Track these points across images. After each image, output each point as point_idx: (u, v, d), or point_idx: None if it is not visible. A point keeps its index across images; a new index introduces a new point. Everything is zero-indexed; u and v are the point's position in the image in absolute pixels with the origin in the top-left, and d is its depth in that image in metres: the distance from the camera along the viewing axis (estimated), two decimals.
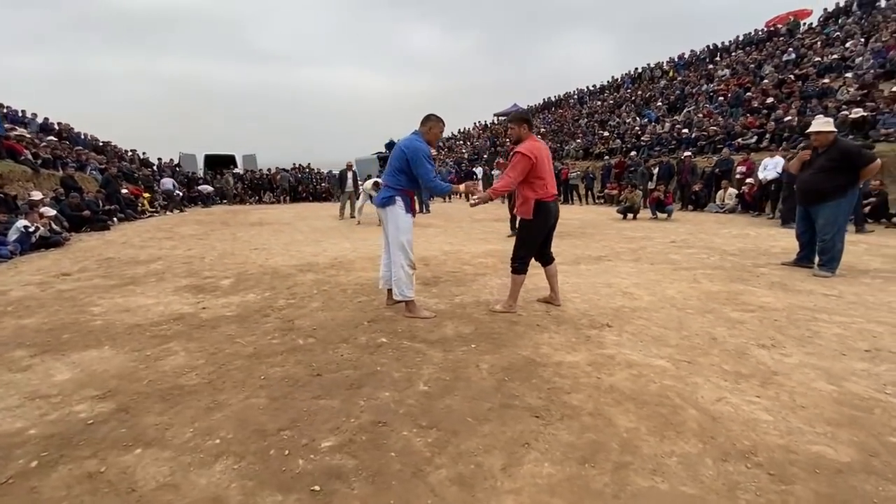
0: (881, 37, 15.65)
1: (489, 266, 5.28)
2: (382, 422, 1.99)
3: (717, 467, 1.69)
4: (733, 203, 10.85)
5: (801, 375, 2.42)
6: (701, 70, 21.90)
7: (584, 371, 2.48)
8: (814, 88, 13.93)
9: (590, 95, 26.85)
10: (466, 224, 9.89)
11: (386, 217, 3.39)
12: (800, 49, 18.43)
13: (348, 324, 3.30)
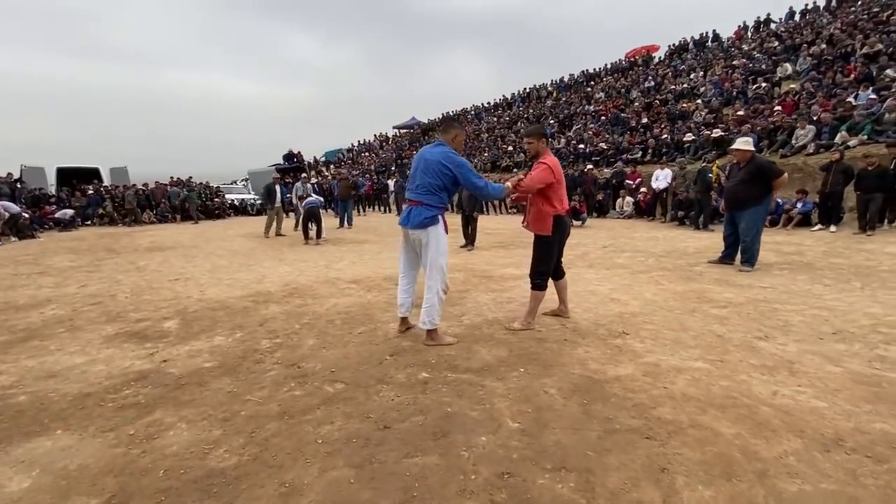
0: (716, 71, 19.29)
1: (464, 281, 5.17)
2: (507, 472, 1.78)
3: (828, 459, 1.83)
4: (630, 210, 12.33)
5: (810, 362, 2.78)
6: (580, 92, 24.63)
7: (646, 382, 2.53)
8: (675, 111, 16.56)
9: (485, 111, 28.41)
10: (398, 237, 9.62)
11: (426, 238, 3.10)
12: (657, 77, 21.82)
13: (368, 361, 2.92)
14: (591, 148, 15.53)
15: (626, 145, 14.76)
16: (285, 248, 8.46)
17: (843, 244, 7.05)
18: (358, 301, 4.42)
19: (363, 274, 5.78)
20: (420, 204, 3.09)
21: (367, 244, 8.79)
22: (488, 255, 7.14)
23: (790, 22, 22.71)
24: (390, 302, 4.33)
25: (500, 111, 27.15)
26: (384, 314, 3.95)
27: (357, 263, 6.64)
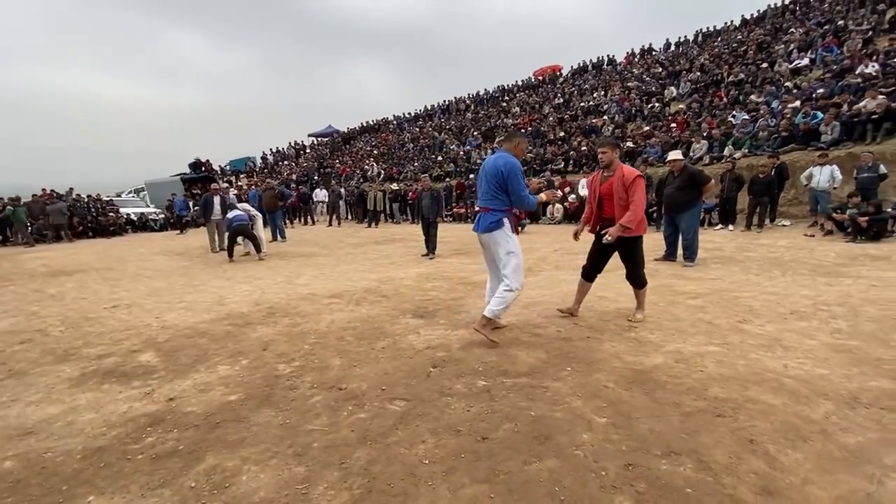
0: (615, 91, 21.64)
1: (451, 289, 5.17)
2: (629, 464, 1.86)
3: (857, 414, 2.19)
4: (560, 216, 13.28)
5: (790, 338, 3.27)
6: (497, 106, 25.98)
7: (682, 368, 2.79)
8: (587, 125, 18.24)
9: (407, 122, 28.61)
10: (349, 248, 9.28)
11: (495, 241, 3.24)
12: (565, 95, 23.84)
13: (414, 375, 2.81)
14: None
15: (549, 156, 15.87)
16: (226, 266, 7.68)
17: (744, 240, 8.33)
18: (355, 316, 4.20)
19: (338, 288, 5.49)
20: (486, 210, 3.26)
21: (319, 257, 8.34)
22: (455, 262, 7.21)
23: (668, 51, 26.33)
24: (391, 314, 4.20)
25: (422, 122, 27.52)
26: (394, 326, 3.82)
27: (321, 278, 6.28)
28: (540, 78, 28.79)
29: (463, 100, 28.51)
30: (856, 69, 12.71)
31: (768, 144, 10.95)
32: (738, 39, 21.38)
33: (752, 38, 20.28)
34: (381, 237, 11.46)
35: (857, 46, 14.28)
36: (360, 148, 27.74)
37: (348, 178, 21.99)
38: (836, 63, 13.90)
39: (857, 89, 11.48)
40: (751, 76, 16.56)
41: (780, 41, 18.38)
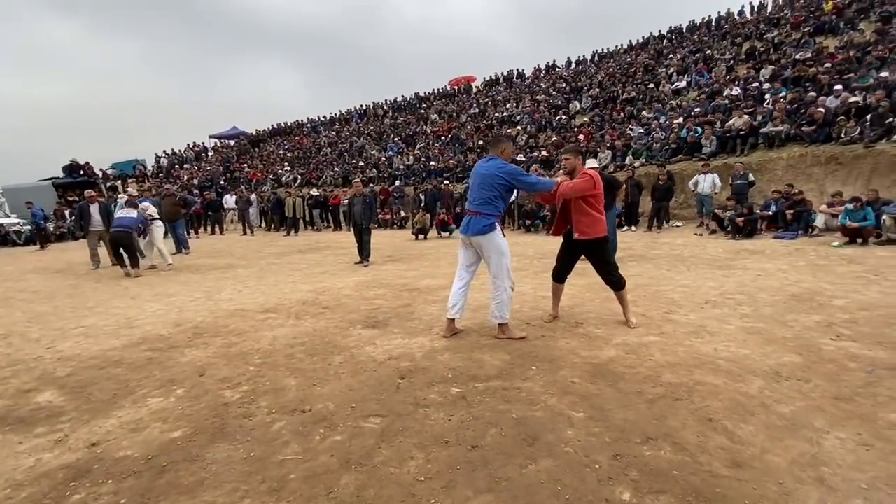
0: (525, 103, 22.98)
1: (396, 297, 5.05)
2: (616, 454, 1.94)
3: (782, 386, 2.54)
4: None
5: (713, 324, 3.70)
6: (416, 113, 26.17)
7: (634, 359, 3.00)
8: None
9: (322, 125, 27.57)
10: (271, 259, 8.62)
11: (487, 244, 3.38)
12: (480, 105, 24.76)
13: (384, 388, 2.68)
14: (441, 165, 16.65)
15: (470, 164, 16.33)
16: (126, 283, 6.70)
17: (649, 240, 9.31)
18: (300, 331, 3.90)
19: (271, 302, 5.07)
20: (478, 213, 3.36)
21: (238, 269, 7.64)
22: (391, 269, 7.06)
23: (570, 68, 28.66)
24: (340, 326, 3.98)
25: (339, 126, 26.73)
26: (347, 339, 3.61)
27: (246, 292, 5.76)
28: (455, 87, 29.57)
29: (381, 105, 28.27)
30: (723, 92, 14.95)
31: (661, 155, 12.40)
32: (628, 62, 23.97)
33: (639, 62, 22.85)
34: (304, 245, 10.86)
35: (723, 73, 16.80)
36: (271, 151, 26.10)
37: (260, 184, 20.56)
38: (708, 86, 16.20)
39: (725, 109, 13.50)
40: (641, 94, 18.64)
41: (662, 65, 20.98)
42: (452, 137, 20.08)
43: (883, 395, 2.38)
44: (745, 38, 19.38)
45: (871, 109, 9.53)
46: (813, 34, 16.42)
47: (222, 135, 30.43)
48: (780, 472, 1.79)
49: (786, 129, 10.78)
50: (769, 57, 16.12)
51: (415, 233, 11.42)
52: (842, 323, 3.57)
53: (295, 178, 19.89)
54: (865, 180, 8.85)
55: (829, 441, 1.99)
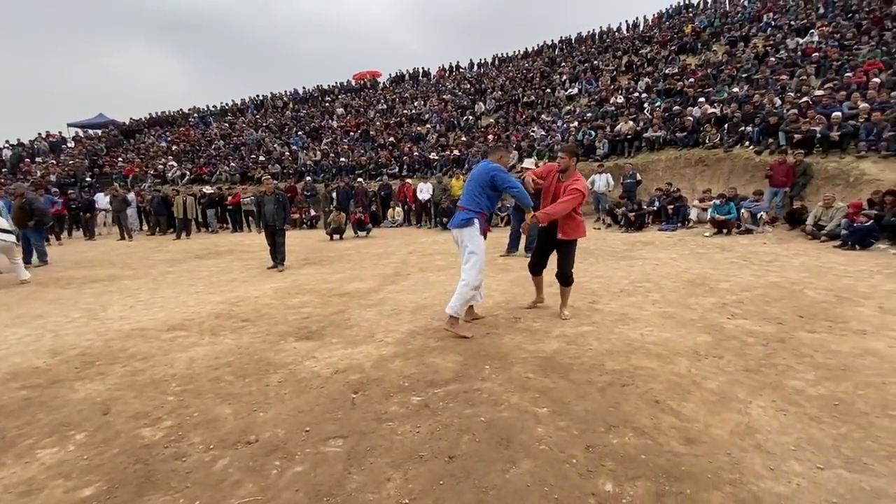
0: (433, 102, 23.22)
1: (322, 303, 4.72)
2: (589, 446, 2.01)
3: (704, 364, 2.87)
4: (401, 219, 13.58)
5: (632, 311, 4.06)
6: (319, 106, 24.97)
7: (576, 349, 3.17)
8: (413, 132, 19.10)
9: (212, 115, 24.93)
10: (164, 267, 7.53)
11: (463, 236, 3.53)
12: (388, 101, 24.46)
13: (337, 405, 2.47)
14: (352, 162, 16.09)
15: (383, 160, 16.03)
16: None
17: None
18: (221, 349, 3.44)
19: (176, 318, 4.42)
20: (462, 209, 3.58)
21: (123, 280, 6.55)
22: (312, 273, 6.61)
23: (473, 70, 29.61)
24: (268, 340, 3.60)
25: (232, 117, 24.41)
26: (280, 355, 3.27)
27: (139, 307, 4.96)
28: (361, 82, 28.82)
29: (280, 96, 26.44)
30: (610, 99, 16.62)
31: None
32: (526, 67, 25.49)
33: (535, 67, 24.44)
34: (201, 250, 9.71)
35: (608, 82, 18.68)
36: (150, 143, 22.92)
37: (138, 181, 17.94)
38: (596, 93, 17.90)
39: (613, 115, 15.04)
40: (539, 98, 19.96)
41: (556, 72, 22.67)
42: (362, 133, 19.52)
43: (781, 364, 2.81)
44: (623, 52, 21.74)
45: (727, 119, 11.31)
46: (678, 52, 19.02)
47: (86, 123, 25.92)
48: (726, 444, 2.01)
49: (663, 134, 12.33)
50: (645, 70, 18.30)
51: (330, 233, 10.88)
52: (732, 303, 4.17)
53: (182, 175, 17.70)
54: (726, 179, 10.49)
55: (754, 410, 2.29)
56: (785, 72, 13.39)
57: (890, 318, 3.60)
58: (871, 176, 8.23)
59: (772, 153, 9.88)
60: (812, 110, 9.96)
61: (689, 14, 24.07)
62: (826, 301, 4.13)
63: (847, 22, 15.30)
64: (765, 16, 18.89)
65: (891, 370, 2.67)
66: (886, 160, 8.31)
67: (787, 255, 6.45)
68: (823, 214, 7.83)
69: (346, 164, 15.85)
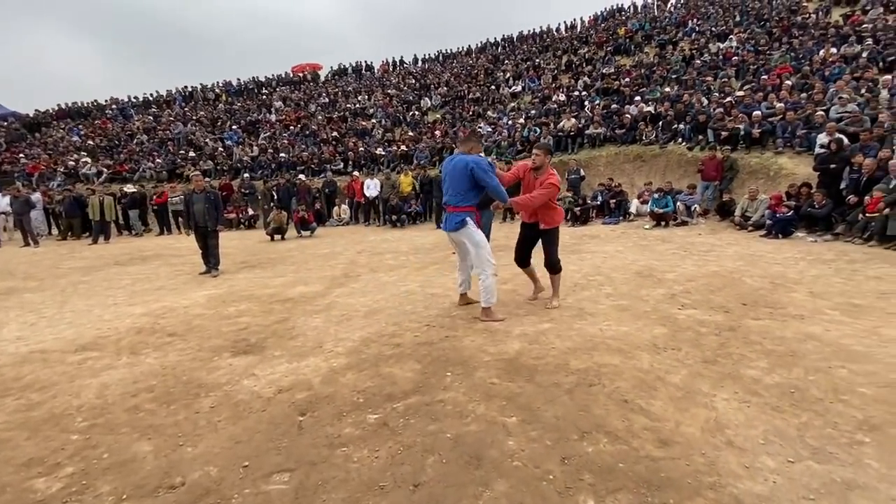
0: (378, 97, 22.67)
1: (264, 312, 4.31)
2: (564, 457, 1.87)
3: (664, 357, 2.86)
4: (348, 217, 13.06)
5: (588, 305, 4.04)
6: (256, 99, 23.59)
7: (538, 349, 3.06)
8: (358, 127, 18.51)
9: (134, 107, 22.70)
10: (77, 276, 6.62)
11: (463, 238, 3.62)
12: (330, 95, 23.57)
13: (282, 431, 2.16)
14: (293, 157, 15.27)
15: (327, 156, 15.36)
16: None
17: (507, 229, 10.02)
18: (141, 371, 2.98)
19: (87, 335, 3.83)
20: (454, 209, 3.57)
21: (24, 293, 5.66)
22: (250, 277, 6.08)
23: (417, 66, 29.27)
24: (199, 358, 3.17)
25: (157, 109, 22.40)
26: (213, 374, 2.88)
27: (42, 324, 4.28)
28: (301, 74, 27.58)
29: (211, 88, 24.65)
30: (552, 97, 17.02)
31: (508, 152, 13.50)
32: (470, 63, 25.57)
33: (479, 65, 24.58)
34: (123, 256, 8.71)
35: (550, 80, 19.14)
36: (59, 138, 20.45)
37: (46, 179, 15.93)
38: (539, 91, 18.28)
39: (556, 112, 15.39)
40: (484, 95, 20.07)
41: (500, 69, 22.92)
42: (303, 128, 18.62)
43: (735, 353, 2.85)
44: (563, 51, 22.39)
45: (661, 117, 11.91)
46: (613, 53, 19.87)
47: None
48: (699, 442, 1.95)
49: (603, 131, 12.77)
50: (584, 69, 18.94)
51: (270, 233, 10.20)
52: (680, 294, 4.27)
53: (99, 172, 15.91)
54: (662, 174, 11.03)
55: (719, 403, 2.27)
56: (709, 74, 14.36)
57: (821, 303, 3.83)
58: (788, 170, 8.97)
59: (702, 149, 10.51)
60: (735, 109, 10.70)
61: (621, 17, 25.27)
62: (763, 288, 4.35)
63: (760, 29, 16.70)
64: (689, 21, 20.20)
65: (832, 354, 2.80)
66: (800, 156, 9.09)
67: (721, 245, 6.83)
68: (749, 206, 8.42)
69: (287, 160, 15.00)
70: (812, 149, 8.82)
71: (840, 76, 10.99)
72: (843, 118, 8.94)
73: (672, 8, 24.06)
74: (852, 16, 15.23)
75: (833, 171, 7.44)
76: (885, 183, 6.40)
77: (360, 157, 14.89)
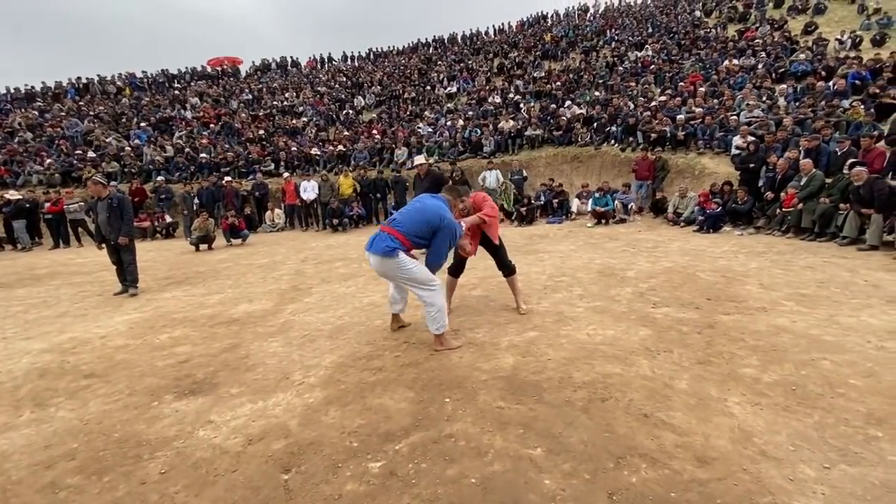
0: (306, 93, 21.52)
1: (206, 338, 3.68)
2: (611, 493, 1.67)
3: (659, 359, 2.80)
4: (282, 222, 12.13)
5: (566, 309, 3.94)
6: (167, 94, 21.35)
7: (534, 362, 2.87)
8: (288, 126, 17.38)
9: (14, 102, 19.37)
10: None
11: (390, 267, 3.00)
12: (253, 91, 21.97)
13: (264, 496, 1.73)
14: (216, 158, 13.90)
15: (255, 156, 14.18)
16: None
17: None
18: (53, 429, 2.33)
19: None
20: (389, 232, 3.01)
21: None
22: (179, 296, 5.28)
23: (348, 63, 28.30)
24: (132, 405, 2.58)
25: (45, 103, 19.35)
26: (156, 426, 2.32)
27: None
28: (219, 68, 25.46)
29: (112, 81, 21.86)
30: (488, 98, 17.22)
31: (450, 153, 13.38)
32: (403, 64, 25.20)
33: (412, 65, 24.30)
34: (8, 276, 7.25)
35: (484, 82, 19.37)
36: None
37: None
38: (475, 93, 18.42)
39: (493, 114, 15.57)
40: (420, 95, 19.84)
41: (433, 70, 22.82)
42: (224, 126, 17.09)
43: (725, 352, 2.87)
44: (494, 54, 22.83)
45: (595, 120, 12.45)
46: (542, 58, 20.60)
47: None
48: (735, 456, 1.86)
49: (541, 133, 13.10)
50: (515, 73, 19.41)
51: (195, 242, 9.11)
52: (647, 292, 4.33)
53: None
54: (598, 174, 11.52)
55: (734, 409, 2.21)
56: (632, 80, 15.35)
57: (774, 294, 4.06)
58: (710, 170, 9.75)
59: (633, 150, 11.13)
60: (660, 113, 11.48)
61: (546, 24, 26.36)
62: (718, 282, 4.55)
63: (670, 41, 18.20)
64: (608, 31, 21.54)
65: (809, 345, 2.91)
66: (719, 156, 9.94)
67: (663, 241, 7.18)
68: (680, 203, 9.01)
69: (208, 161, 13.62)
70: (728, 150, 9.69)
71: (744, 85, 12.23)
72: (752, 122, 9.92)
73: (592, 17, 25.53)
74: (745, 31, 17.12)
75: (752, 169, 8.16)
76: (797, 180, 7.11)
77: (292, 157, 13.93)
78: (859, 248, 5.81)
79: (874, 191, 5.87)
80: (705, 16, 20.74)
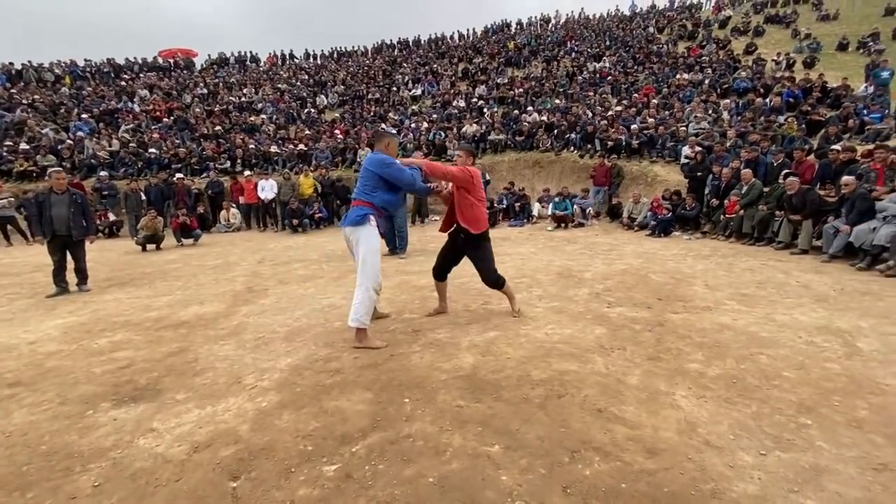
0: (266, 90, 20.88)
1: (150, 341, 3.47)
2: (566, 486, 1.70)
3: (618, 356, 2.90)
4: (238, 222, 11.66)
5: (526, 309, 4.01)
6: (114, 84, 20.11)
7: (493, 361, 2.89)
8: (245, 123, 16.78)
9: None
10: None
11: (357, 237, 3.14)
12: (209, 85, 21.07)
13: (198, 497, 1.64)
14: (167, 154, 13.19)
15: (209, 153, 13.57)
16: None
17: (419, 233, 9.85)
18: None
19: None
20: (356, 203, 3.22)
21: None
22: (122, 298, 4.94)
23: (310, 61, 27.70)
24: (65, 414, 2.39)
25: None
26: (90, 436, 2.15)
27: None
28: (171, 60, 24.24)
29: (49, 68, 20.32)
30: (452, 102, 17.34)
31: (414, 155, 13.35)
32: (367, 64, 24.96)
33: (377, 66, 24.12)
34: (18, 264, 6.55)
35: (448, 86, 19.50)
36: None
37: None
38: (439, 96, 18.50)
39: (457, 117, 15.68)
40: (384, 97, 19.71)
41: (398, 72, 22.74)
42: (176, 121, 16.27)
43: (673, 348, 3.00)
44: (459, 59, 23.05)
45: (555, 126, 12.80)
46: (505, 65, 20.99)
47: None
48: (681, 447, 1.94)
49: (504, 137, 13.33)
50: (479, 78, 19.67)
51: (142, 242, 8.59)
52: (603, 292, 4.48)
53: None
54: (558, 180, 11.84)
55: (681, 402, 2.32)
56: (590, 89, 15.92)
57: (718, 294, 4.31)
58: (662, 177, 10.25)
59: (591, 157, 11.52)
60: (617, 122, 11.96)
61: (510, 32, 26.91)
62: (668, 283, 4.78)
63: (626, 54, 19.05)
64: (568, 42, 22.26)
65: (748, 342, 3.10)
66: (670, 164, 10.47)
67: (619, 245, 7.47)
68: (634, 209, 9.41)
69: (158, 157, 12.90)
70: (678, 159, 10.23)
71: (692, 98, 12.97)
72: (699, 133, 10.53)
73: (553, 28, 26.30)
74: (693, 48, 18.18)
75: (699, 178, 8.65)
76: (739, 189, 7.60)
77: (250, 155, 13.45)
78: (792, 251, 6.28)
79: (805, 200, 6.37)
80: (658, 32, 21.86)
